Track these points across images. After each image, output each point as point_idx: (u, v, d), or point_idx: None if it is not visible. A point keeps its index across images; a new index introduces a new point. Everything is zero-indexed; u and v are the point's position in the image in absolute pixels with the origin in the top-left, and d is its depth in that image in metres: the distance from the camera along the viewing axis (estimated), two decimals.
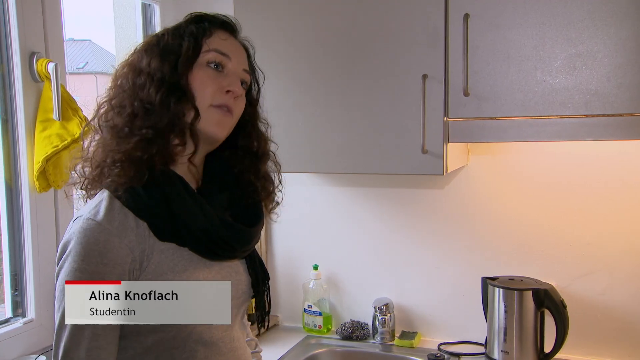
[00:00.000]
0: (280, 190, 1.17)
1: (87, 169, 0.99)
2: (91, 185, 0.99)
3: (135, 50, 1.02)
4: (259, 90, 1.13)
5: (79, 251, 0.91)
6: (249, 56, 1.09)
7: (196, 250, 0.99)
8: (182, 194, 0.97)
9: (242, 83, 1.04)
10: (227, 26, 1.06)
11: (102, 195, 0.95)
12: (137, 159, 0.94)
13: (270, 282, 1.17)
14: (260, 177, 1.12)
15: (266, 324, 1.18)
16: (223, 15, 1.07)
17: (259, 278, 1.12)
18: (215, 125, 1.00)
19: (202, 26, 1.02)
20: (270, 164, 1.15)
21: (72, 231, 0.93)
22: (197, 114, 0.98)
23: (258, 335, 1.21)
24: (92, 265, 0.90)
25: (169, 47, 0.99)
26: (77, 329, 0.91)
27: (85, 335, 0.91)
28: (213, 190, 1.06)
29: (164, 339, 0.97)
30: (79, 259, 0.90)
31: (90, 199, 1.00)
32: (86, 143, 1.02)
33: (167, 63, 0.98)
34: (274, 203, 1.16)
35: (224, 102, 1.00)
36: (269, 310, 1.18)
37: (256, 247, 1.14)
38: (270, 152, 1.15)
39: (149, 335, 0.96)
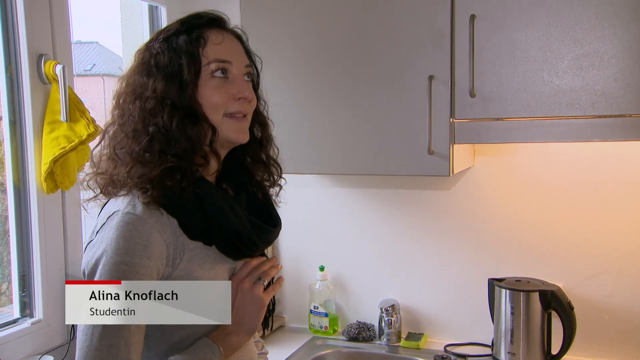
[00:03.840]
0: (281, 176, 1.17)
1: (103, 182, 0.97)
2: (108, 192, 0.98)
3: (132, 69, 0.99)
4: (258, 74, 1.10)
5: (122, 245, 0.89)
6: (243, 44, 1.06)
7: (222, 249, 1.00)
8: (214, 195, 0.98)
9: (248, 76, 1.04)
10: (216, 23, 1.02)
11: (132, 192, 0.94)
12: (165, 186, 0.93)
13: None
14: (265, 164, 1.13)
15: (270, 324, 1.19)
16: (208, 12, 1.02)
17: None
18: (236, 133, 1.01)
19: (193, 36, 0.98)
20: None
21: (109, 226, 0.91)
22: (214, 131, 0.98)
23: (263, 336, 1.21)
24: (137, 258, 0.89)
25: (169, 68, 0.96)
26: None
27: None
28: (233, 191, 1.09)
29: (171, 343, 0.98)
30: (123, 252, 0.89)
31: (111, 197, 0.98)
32: (95, 156, 1.00)
33: (173, 86, 0.95)
34: (278, 188, 1.17)
35: (238, 109, 1.00)
36: (273, 310, 1.18)
37: None
38: (271, 135, 1.14)
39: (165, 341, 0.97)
